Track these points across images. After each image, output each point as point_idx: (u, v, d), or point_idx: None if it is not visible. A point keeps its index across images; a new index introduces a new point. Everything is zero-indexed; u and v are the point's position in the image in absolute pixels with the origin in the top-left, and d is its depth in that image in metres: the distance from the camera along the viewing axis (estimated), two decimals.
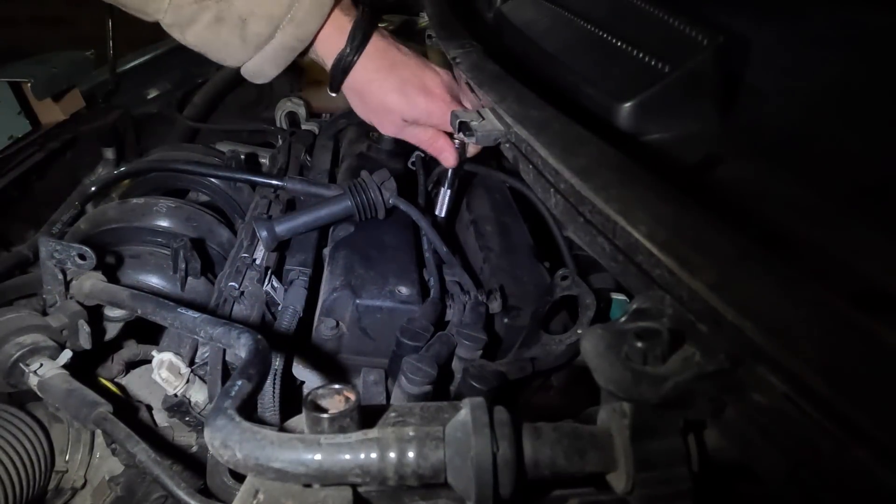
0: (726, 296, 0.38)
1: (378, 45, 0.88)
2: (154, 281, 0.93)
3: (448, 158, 0.92)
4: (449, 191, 0.96)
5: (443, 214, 0.97)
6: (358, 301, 0.78)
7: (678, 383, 0.39)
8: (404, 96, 0.88)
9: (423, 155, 1.03)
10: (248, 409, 0.46)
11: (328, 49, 0.87)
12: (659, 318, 0.43)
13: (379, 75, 0.88)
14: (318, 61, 0.90)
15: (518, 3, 1.14)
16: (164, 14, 0.79)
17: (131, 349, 0.89)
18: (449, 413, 0.46)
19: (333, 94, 0.93)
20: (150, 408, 0.83)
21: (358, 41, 0.86)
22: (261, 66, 0.85)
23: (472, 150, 0.95)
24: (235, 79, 1.74)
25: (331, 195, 0.96)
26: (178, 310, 0.68)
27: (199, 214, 1.03)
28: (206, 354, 0.78)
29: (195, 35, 0.81)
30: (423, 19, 1.58)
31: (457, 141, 0.91)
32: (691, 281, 0.41)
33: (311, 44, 0.85)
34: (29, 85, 1.34)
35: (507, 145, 0.75)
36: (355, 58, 0.86)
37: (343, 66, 0.87)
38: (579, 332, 0.77)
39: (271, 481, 0.42)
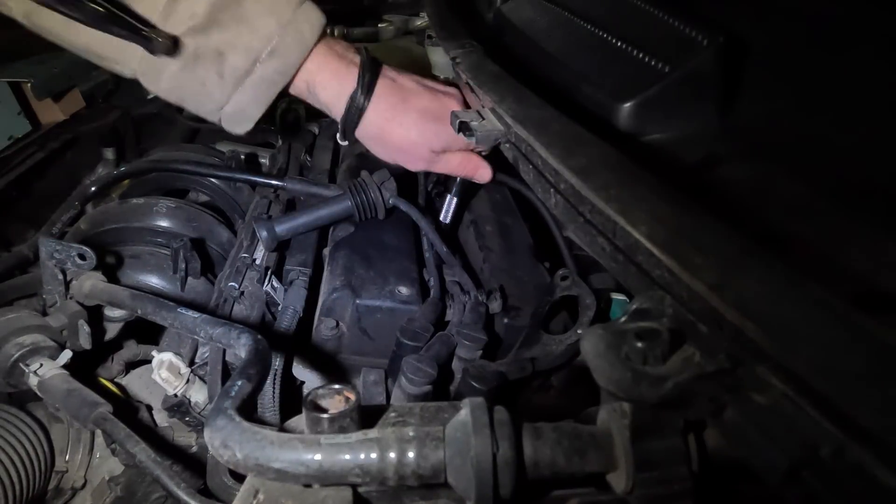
0: (726, 296, 0.38)
1: (386, 83, 0.84)
2: (154, 281, 0.93)
3: (484, 174, 0.90)
4: (455, 199, 0.96)
5: (447, 221, 0.97)
6: (358, 301, 0.78)
7: (678, 383, 0.39)
8: (426, 129, 0.85)
9: None
10: (248, 410, 0.46)
11: (333, 94, 0.83)
12: (659, 318, 0.43)
13: (395, 112, 0.84)
14: (323, 109, 0.86)
15: (518, 3, 1.14)
16: (139, 61, 0.75)
17: (131, 349, 0.89)
18: (449, 413, 0.46)
19: (345, 143, 0.90)
20: (150, 408, 0.83)
21: (367, 80, 0.82)
22: (241, 106, 0.80)
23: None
24: None
25: (331, 195, 0.96)
26: (178, 310, 0.68)
27: (199, 214, 1.03)
28: (206, 354, 0.78)
29: (171, 78, 0.76)
30: (423, 19, 1.58)
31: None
32: (691, 281, 0.41)
33: (292, 80, 0.81)
34: (29, 85, 1.34)
35: (507, 145, 0.75)
36: (367, 101, 0.82)
37: (356, 110, 0.83)
38: (579, 332, 0.77)
39: (271, 481, 0.42)
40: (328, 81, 0.82)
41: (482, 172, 0.90)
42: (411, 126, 0.84)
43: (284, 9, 0.77)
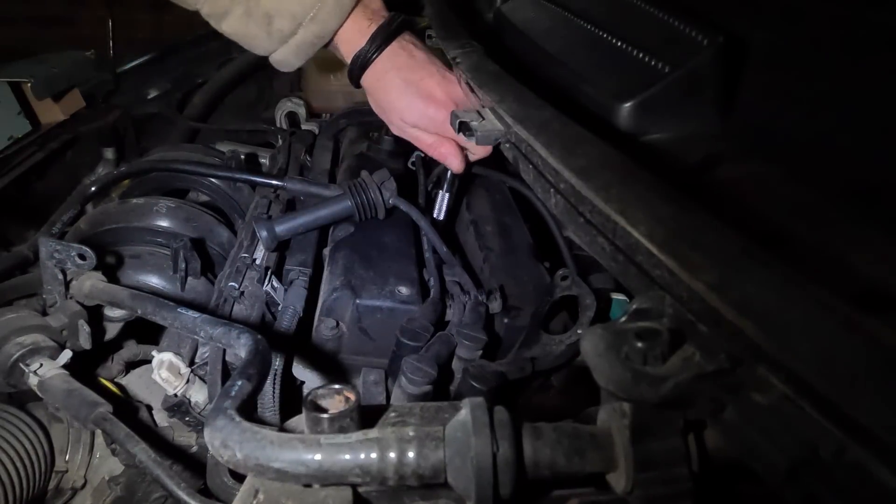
0: (726, 296, 0.38)
1: (397, 47, 0.91)
2: (154, 281, 0.93)
3: (454, 164, 0.92)
4: (447, 194, 0.96)
5: (441, 217, 0.97)
6: (358, 301, 0.77)
7: (678, 383, 0.39)
8: (403, 98, 0.90)
9: (423, 155, 1.03)
10: (248, 410, 0.46)
11: (350, 48, 0.91)
12: (659, 318, 0.43)
13: (388, 74, 0.90)
14: (340, 58, 0.94)
15: (518, 3, 1.14)
16: (203, 5, 0.86)
17: (131, 349, 0.89)
18: (449, 413, 0.46)
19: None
20: (150, 408, 0.83)
21: (379, 42, 0.89)
22: (286, 57, 0.90)
23: (480, 152, 0.94)
24: (235, 79, 1.74)
25: (331, 195, 0.96)
26: (178, 310, 0.68)
27: (199, 214, 1.03)
28: (206, 354, 0.78)
29: (229, 26, 0.87)
30: (423, 19, 1.58)
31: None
32: (691, 281, 0.41)
33: (331, 40, 0.90)
34: (29, 85, 1.34)
35: (507, 145, 0.75)
36: (373, 56, 0.89)
37: (361, 63, 0.90)
38: (579, 332, 0.77)
39: (271, 481, 0.42)
40: (352, 37, 0.90)
41: (451, 161, 0.92)
42: (392, 90, 0.91)
43: None
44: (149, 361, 0.80)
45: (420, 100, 0.89)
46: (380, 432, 0.41)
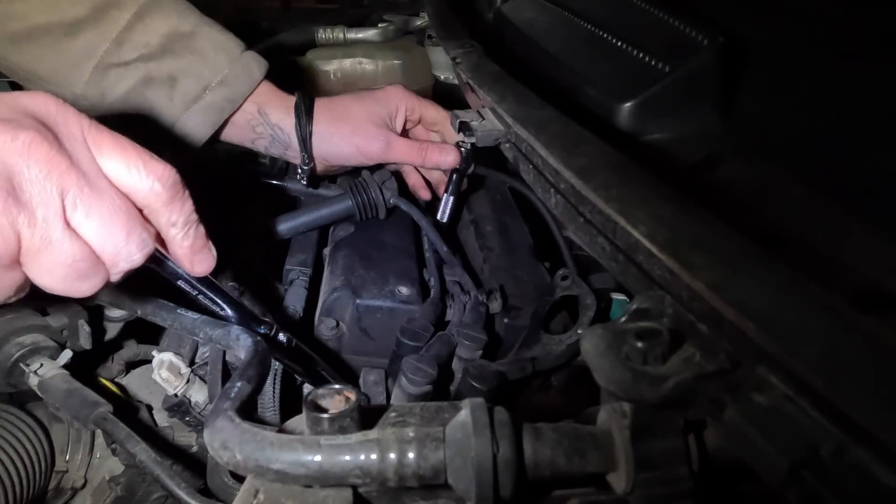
0: (726, 296, 0.38)
1: (319, 98, 0.93)
2: None
3: (452, 153, 0.91)
4: (452, 198, 0.95)
5: (444, 220, 0.97)
6: (358, 301, 0.77)
7: (678, 383, 0.39)
8: (364, 101, 0.92)
9: None
10: (248, 410, 0.46)
11: (282, 111, 0.89)
12: (659, 318, 0.43)
13: (334, 104, 0.92)
14: (270, 133, 0.90)
15: (518, 3, 1.14)
16: (85, 84, 0.79)
17: (131, 349, 0.89)
18: (449, 413, 0.46)
19: (307, 167, 0.94)
20: (150, 408, 0.83)
21: (305, 98, 0.90)
22: (186, 130, 0.84)
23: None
24: None
25: (331, 195, 0.96)
26: (178, 310, 0.68)
27: None
28: (207, 354, 0.78)
29: (116, 102, 0.80)
30: (423, 19, 1.58)
31: (463, 149, 0.90)
32: (691, 281, 0.41)
33: (241, 106, 0.87)
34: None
35: (507, 145, 0.75)
36: (311, 109, 0.90)
37: (306, 110, 0.89)
38: (579, 332, 0.77)
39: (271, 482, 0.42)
40: (277, 103, 0.89)
41: (450, 152, 0.91)
42: (352, 104, 0.92)
43: (234, 49, 0.86)
44: (149, 361, 0.80)
45: (379, 93, 0.92)
46: (380, 433, 0.41)
